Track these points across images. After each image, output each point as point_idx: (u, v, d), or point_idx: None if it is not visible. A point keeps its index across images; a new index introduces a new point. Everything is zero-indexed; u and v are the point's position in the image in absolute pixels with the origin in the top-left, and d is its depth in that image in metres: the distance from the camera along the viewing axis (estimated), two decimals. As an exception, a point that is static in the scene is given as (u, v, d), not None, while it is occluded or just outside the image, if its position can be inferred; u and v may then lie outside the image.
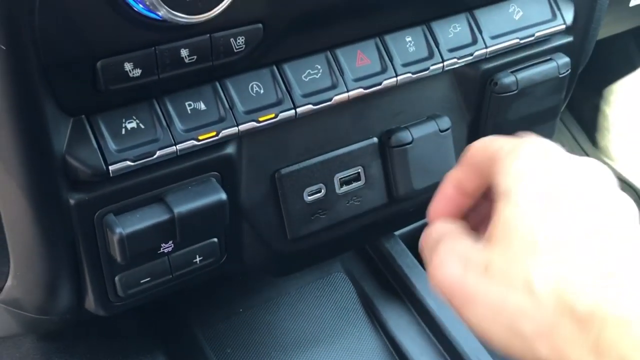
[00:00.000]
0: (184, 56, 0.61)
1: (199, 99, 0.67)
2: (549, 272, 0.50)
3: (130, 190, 0.65)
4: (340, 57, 0.74)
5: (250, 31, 0.64)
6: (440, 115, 0.85)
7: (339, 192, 0.81)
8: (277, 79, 0.71)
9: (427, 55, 0.79)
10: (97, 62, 0.57)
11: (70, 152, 0.61)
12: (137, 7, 0.56)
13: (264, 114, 0.70)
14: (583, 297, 0.48)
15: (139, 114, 0.63)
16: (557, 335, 0.49)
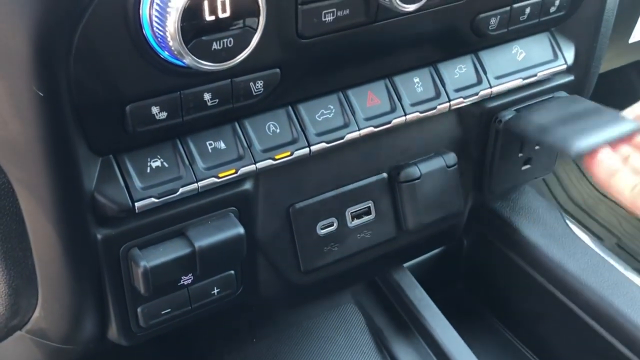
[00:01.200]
0: (206, 99, 0.65)
1: (219, 138, 0.70)
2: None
3: (154, 225, 0.69)
4: (352, 98, 0.78)
5: (268, 75, 0.68)
6: (447, 151, 0.88)
7: (350, 226, 0.84)
8: (292, 118, 0.74)
9: (434, 95, 0.82)
10: (126, 106, 0.61)
11: (98, 189, 0.64)
12: (164, 54, 0.59)
13: (280, 152, 0.73)
14: None
15: (163, 153, 0.67)
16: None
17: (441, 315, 0.96)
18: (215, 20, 0.56)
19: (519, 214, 1.10)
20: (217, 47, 0.58)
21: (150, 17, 0.57)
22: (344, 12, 0.67)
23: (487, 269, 1.14)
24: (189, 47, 0.56)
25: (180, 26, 0.55)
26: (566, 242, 1.06)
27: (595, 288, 0.98)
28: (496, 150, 0.92)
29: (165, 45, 0.57)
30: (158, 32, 0.57)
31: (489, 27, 0.81)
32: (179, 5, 0.55)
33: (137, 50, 0.58)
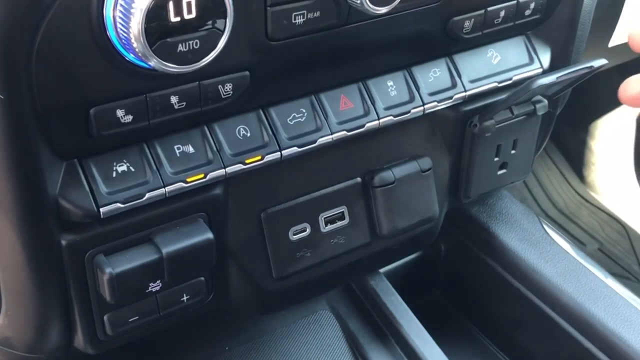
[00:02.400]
0: (173, 102, 0.63)
1: (187, 142, 0.69)
2: None
3: (120, 231, 0.67)
4: (325, 101, 0.77)
5: (237, 78, 0.66)
6: (421, 155, 0.87)
7: (323, 231, 0.83)
8: (263, 122, 0.73)
9: (408, 99, 0.82)
10: (90, 109, 0.59)
11: (62, 194, 0.63)
12: (129, 56, 0.58)
13: (250, 156, 0.72)
14: None
15: (129, 158, 0.66)
16: None
17: (417, 322, 0.95)
18: (180, 21, 0.55)
19: (496, 219, 1.10)
20: (183, 49, 0.57)
21: (114, 19, 0.55)
22: (314, 14, 0.66)
23: (464, 275, 1.13)
24: (154, 49, 0.55)
25: (145, 27, 0.54)
26: (543, 247, 1.06)
27: (571, 294, 0.97)
28: (472, 154, 0.91)
29: (129, 47, 0.56)
30: (122, 34, 0.56)
31: (463, 30, 0.80)
32: (143, 6, 0.53)
33: (100, 52, 0.57)
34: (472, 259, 1.10)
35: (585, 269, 1.02)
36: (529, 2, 0.84)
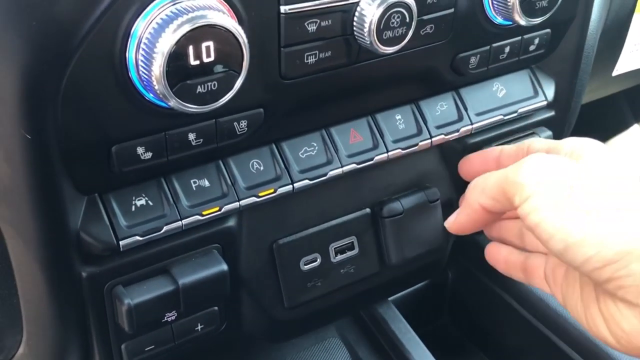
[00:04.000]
0: (191, 139, 0.66)
1: (203, 176, 0.71)
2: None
3: (138, 263, 0.69)
4: (335, 135, 0.79)
5: (252, 115, 0.69)
6: (429, 186, 0.90)
7: (334, 261, 0.85)
8: (276, 156, 0.76)
9: (416, 132, 0.84)
10: (112, 147, 0.62)
11: (84, 228, 0.65)
12: (149, 96, 0.60)
13: (263, 189, 0.74)
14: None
15: (147, 192, 0.68)
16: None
17: (425, 349, 0.96)
18: (199, 64, 0.58)
19: (503, 247, 1.11)
20: (202, 90, 0.59)
21: (136, 61, 0.58)
22: (325, 54, 0.69)
23: (472, 302, 1.15)
24: (174, 91, 0.58)
25: (166, 70, 0.56)
26: (549, 275, 1.08)
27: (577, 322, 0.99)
28: (478, 185, 0.93)
29: (150, 88, 0.59)
30: (144, 75, 0.58)
31: (469, 66, 0.83)
32: (165, 50, 0.56)
33: (122, 93, 0.60)
34: (479, 286, 1.12)
35: (591, 297, 1.04)
36: (534, 37, 0.87)
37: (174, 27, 0.56)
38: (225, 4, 0.60)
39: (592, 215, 0.61)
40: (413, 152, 0.84)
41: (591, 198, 0.62)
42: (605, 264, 0.60)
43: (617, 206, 0.61)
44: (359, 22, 0.67)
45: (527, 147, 0.79)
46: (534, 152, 0.74)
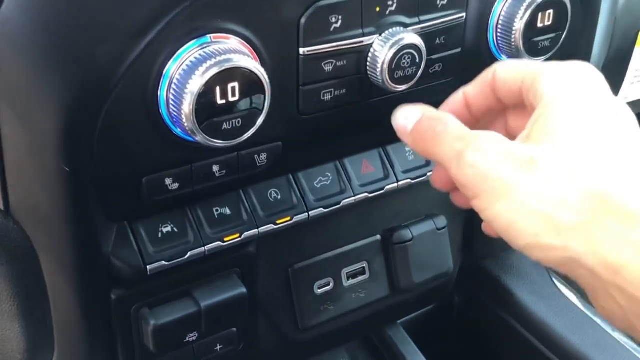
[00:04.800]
0: (215, 171, 0.70)
1: (225, 205, 0.76)
2: (597, 171, 0.52)
3: (163, 286, 0.74)
4: (348, 166, 0.84)
5: (271, 148, 0.73)
6: (437, 214, 0.94)
7: (346, 285, 0.89)
8: (292, 186, 0.80)
9: (424, 162, 0.88)
10: (142, 179, 0.66)
11: (114, 253, 0.69)
12: (177, 131, 0.65)
13: (281, 217, 0.79)
14: (629, 198, 0.51)
15: (173, 220, 0.72)
16: (596, 229, 0.50)
17: (432, 371, 1.00)
18: (225, 103, 0.62)
19: (508, 272, 1.15)
20: (227, 126, 0.64)
21: (167, 99, 0.63)
22: (341, 92, 0.73)
23: (477, 325, 1.18)
24: (202, 127, 0.62)
25: (195, 109, 0.61)
26: (553, 300, 1.11)
27: (579, 345, 1.02)
28: (484, 213, 0.98)
29: (179, 124, 0.63)
30: (173, 113, 0.63)
31: (475, 100, 0.87)
32: (195, 90, 0.60)
33: (153, 128, 0.64)
34: (484, 310, 1.15)
35: (592, 321, 1.08)
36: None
37: (203, 69, 0.60)
38: (248, 47, 0.65)
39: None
40: (422, 181, 0.88)
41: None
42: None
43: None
44: (372, 62, 0.72)
45: (492, 76, 0.66)
46: (500, 80, 0.65)
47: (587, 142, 0.54)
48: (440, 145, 0.60)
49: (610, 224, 0.51)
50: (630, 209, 0.50)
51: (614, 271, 0.50)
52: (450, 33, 0.76)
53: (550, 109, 0.56)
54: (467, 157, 0.56)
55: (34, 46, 0.57)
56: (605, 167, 0.53)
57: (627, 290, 0.50)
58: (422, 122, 0.63)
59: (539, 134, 0.56)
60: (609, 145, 0.54)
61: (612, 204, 0.51)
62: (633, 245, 0.50)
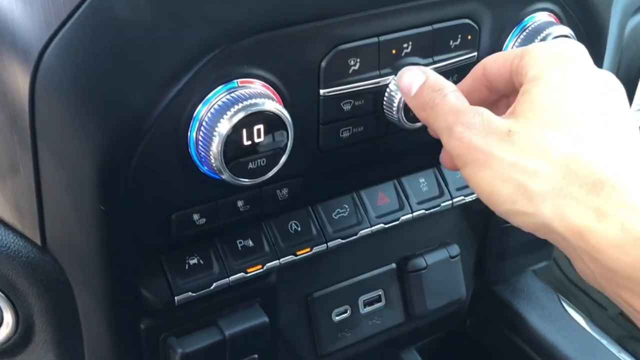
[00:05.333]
0: (239, 206, 0.74)
1: (247, 237, 0.79)
2: (569, 141, 0.56)
3: (189, 316, 0.77)
4: (365, 198, 0.87)
5: (292, 183, 0.77)
6: (450, 242, 0.97)
7: (362, 312, 0.92)
8: (312, 217, 0.83)
9: (438, 194, 0.92)
10: (172, 215, 0.70)
11: (144, 285, 0.73)
12: (203, 169, 0.69)
13: (301, 248, 0.82)
14: (596, 167, 0.54)
15: (199, 252, 0.76)
16: (564, 197, 0.55)
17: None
18: (251, 144, 0.66)
19: (518, 297, 1.18)
20: (252, 166, 0.67)
21: (196, 140, 0.66)
22: (358, 129, 0.77)
23: (488, 349, 1.21)
24: (229, 167, 0.66)
25: (223, 150, 0.65)
26: (562, 324, 1.14)
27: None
28: (495, 241, 1.01)
29: (206, 163, 0.67)
30: (202, 153, 0.66)
31: (486, 134, 0.91)
32: (223, 133, 0.64)
33: (183, 167, 0.68)
34: (496, 334, 1.18)
35: (601, 345, 1.10)
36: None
37: (231, 113, 0.64)
38: (271, 89, 0.69)
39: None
40: (435, 212, 0.92)
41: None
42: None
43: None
44: (388, 101, 0.76)
45: (482, 73, 0.70)
46: (490, 71, 0.69)
47: (563, 113, 0.58)
48: (436, 117, 0.66)
49: (576, 191, 0.54)
50: (595, 176, 0.54)
51: (579, 236, 0.54)
52: (462, 71, 0.80)
53: (533, 84, 0.61)
54: (455, 130, 0.62)
55: (74, 92, 0.60)
56: (577, 136, 0.57)
57: (591, 254, 0.54)
58: (424, 90, 0.68)
59: (521, 107, 0.61)
60: (584, 114, 0.58)
61: (579, 172, 0.55)
62: (596, 211, 0.53)
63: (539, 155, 0.57)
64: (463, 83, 0.72)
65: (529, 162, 0.57)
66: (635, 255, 0.51)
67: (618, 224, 0.52)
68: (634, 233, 0.51)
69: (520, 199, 0.58)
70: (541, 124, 0.59)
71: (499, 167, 0.59)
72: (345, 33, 0.71)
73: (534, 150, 0.57)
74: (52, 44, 0.58)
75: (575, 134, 0.57)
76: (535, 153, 0.57)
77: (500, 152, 0.59)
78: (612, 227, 0.52)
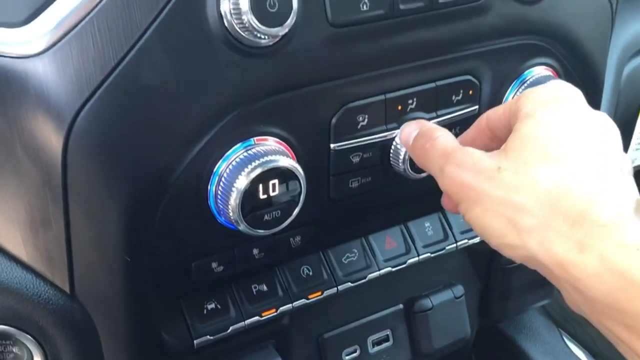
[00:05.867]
0: (255, 254, 0.78)
1: (262, 282, 0.83)
2: (554, 177, 0.59)
3: (206, 357, 0.81)
4: (373, 242, 0.91)
5: (304, 231, 0.81)
6: (455, 283, 1.01)
7: (371, 352, 0.96)
8: (323, 262, 0.88)
9: (442, 237, 0.96)
10: (192, 263, 0.74)
11: (165, 329, 0.77)
12: (221, 220, 0.73)
13: (312, 291, 0.86)
14: (579, 201, 0.58)
15: (217, 297, 0.80)
16: (549, 230, 0.58)
17: None
18: (267, 198, 0.70)
19: (521, 333, 1.22)
20: (268, 217, 0.71)
21: (216, 194, 0.71)
22: (366, 179, 0.81)
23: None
24: (246, 220, 0.70)
25: (240, 203, 0.69)
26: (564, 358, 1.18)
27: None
28: (499, 281, 1.05)
29: (224, 215, 0.71)
30: (221, 205, 0.71)
31: (488, 180, 0.95)
32: (241, 187, 0.68)
33: (202, 219, 0.72)
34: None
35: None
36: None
37: (249, 170, 0.68)
38: (285, 145, 0.74)
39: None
40: (441, 255, 0.96)
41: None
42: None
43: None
44: (394, 154, 0.80)
45: (485, 123, 0.74)
46: (492, 120, 0.72)
47: (550, 149, 0.61)
48: (428, 160, 0.71)
49: (560, 224, 0.58)
50: (578, 210, 0.58)
51: (562, 268, 0.58)
52: (465, 124, 0.84)
53: (525, 122, 0.65)
54: (447, 170, 0.66)
55: (103, 153, 0.65)
56: (563, 172, 0.60)
57: (574, 284, 0.58)
58: (417, 139, 0.74)
59: (511, 144, 0.64)
60: (570, 151, 0.61)
61: (563, 206, 0.58)
62: (577, 243, 0.57)
63: (526, 190, 0.61)
64: (466, 133, 0.77)
65: (517, 198, 0.60)
66: (612, 283, 0.55)
67: (597, 255, 0.56)
68: (610, 263, 0.55)
69: (509, 233, 0.61)
70: (529, 159, 0.62)
71: (489, 203, 0.62)
72: (353, 92, 0.76)
73: (522, 185, 0.61)
74: (84, 109, 0.63)
75: (560, 170, 0.60)
76: (522, 189, 0.61)
77: (490, 188, 0.63)
78: (591, 258, 0.56)
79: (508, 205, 0.61)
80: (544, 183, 0.60)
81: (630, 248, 0.55)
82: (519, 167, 0.62)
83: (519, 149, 0.63)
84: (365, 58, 0.74)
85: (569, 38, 0.88)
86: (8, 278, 0.72)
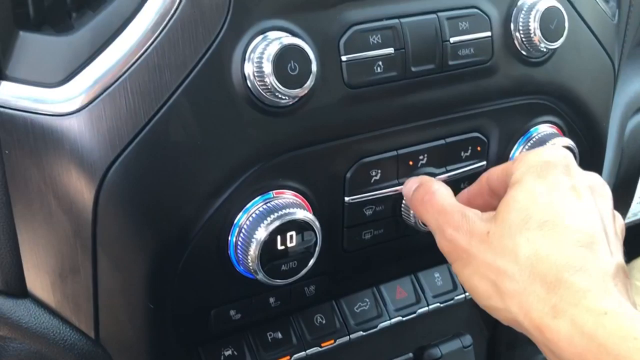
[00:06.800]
0: (271, 302, 0.81)
1: (277, 329, 0.86)
2: (533, 244, 0.63)
3: (223, 403, 0.84)
4: (384, 292, 0.94)
5: (319, 280, 0.84)
6: (463, 333, 1.03)
7: (382, 400, 0.98)
8: (335, 311, 0.90)
9: (452, 287, 0.99)
10: (211, 311, 0.77)
11: (183, 374, 0.80)
12: (239, 269, 0.76)
13: (325, 340, 0.89)
14: (556, 267, 0.61)
15: (233, 344, 0.83)
16: (527, 295, 0.62)
17: None
18: (284, 249, 0.74)
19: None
20: (285, 268, 0.75)
21: (236, 244, 0.74)
22: (379, 231, 0.85)
23: None
24: (264, 270, 0.73)
25: (260, 254, 0.72)
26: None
27: None
28: (505, 332, 1.07)
29: (243, 265, 0.74)
30: (240, 255, 0.74)
31: (496, 233, 0.98)
32: (260, 239, 0.72)
33: (222, 268, 0.75)
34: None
35: None
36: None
37: (268, 222, 0.72)
38: (302, 198, 0.77)
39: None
40: (450, 305, 0.98)
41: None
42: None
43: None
44: (405, 207, 0.84)
45: (485, 180, 0.79)
46: (492, 180, 0.77)
47: (532, 215, 0.65)
48: (426, 213, 0.75)
49: (538, 289, 0.62)
50: (554, 276, 0.62)
51: (539, 331, 0.62)
52: (473, 179, 0.88)
53: (513, 188, 0.70)
54: (446, 232, 0.71)
55: (132, 206, 0.69)
56: (542, 238, 0.64)
57: (548, 347, 0.62)
58: (417, 191, 0.79)
59: (499, 210, 0.69)
60: (550, 216, 0.65)
61: (541, 272, 0.63)
62: (552, 308, 0.61)
63: (508, 256, 0.65)
64: (469, 189, 0.82)
65: (500, 263, 0.65)
66: (582, 347, 0.58)
67: (569, 319, 0.59)
68: (581, 327, 0.59)
69: (494, 295, 0.66)
70: (512, 225, 0.66)
71: (477, 266, 0.67)
72: (367, 148, 0.80)
73: (505, 251, 0.65)
74: (115, 164, 0.67)
75: (540, 236, 0.64)
76: (505, 254, 0.65)
77: (479, 252, 0.67)
78: (564, 323, 0.60)
79: (493, 269, 0.66)
80: (524, 249, 0.64)
81: (598, 312, 0.59)
82: (504, 232, 0.66)
83: (505, 214, 0.67)
84: (379, 116, 0.78)
85: (573, 97, 0.92)
86: (36, 323, 0.75)
